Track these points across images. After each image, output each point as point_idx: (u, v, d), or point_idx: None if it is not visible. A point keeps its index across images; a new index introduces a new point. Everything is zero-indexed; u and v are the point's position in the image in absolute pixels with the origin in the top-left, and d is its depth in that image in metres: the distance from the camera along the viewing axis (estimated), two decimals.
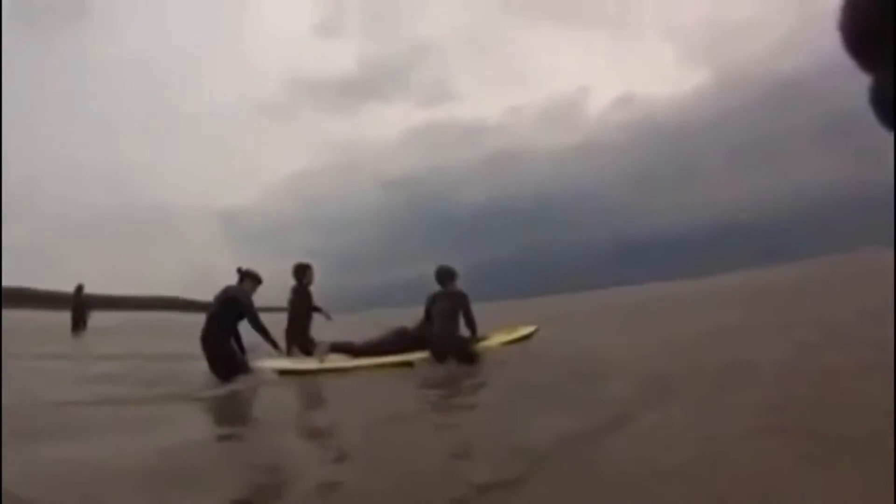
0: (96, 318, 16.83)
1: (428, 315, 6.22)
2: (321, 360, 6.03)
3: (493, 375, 5.14)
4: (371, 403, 4.32)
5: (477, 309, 6.16)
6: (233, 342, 5.82)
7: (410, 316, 6.63)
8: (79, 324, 14.81)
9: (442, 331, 5.99)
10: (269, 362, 6.00)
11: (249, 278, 6.04)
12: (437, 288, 6.24)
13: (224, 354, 5.71)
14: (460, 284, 6.21)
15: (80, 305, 15.24)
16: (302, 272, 6.96)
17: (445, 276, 6.23)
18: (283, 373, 5.83)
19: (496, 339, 6.53)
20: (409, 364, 5.83)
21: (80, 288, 15.36)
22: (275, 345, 6.11)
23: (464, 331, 6.13)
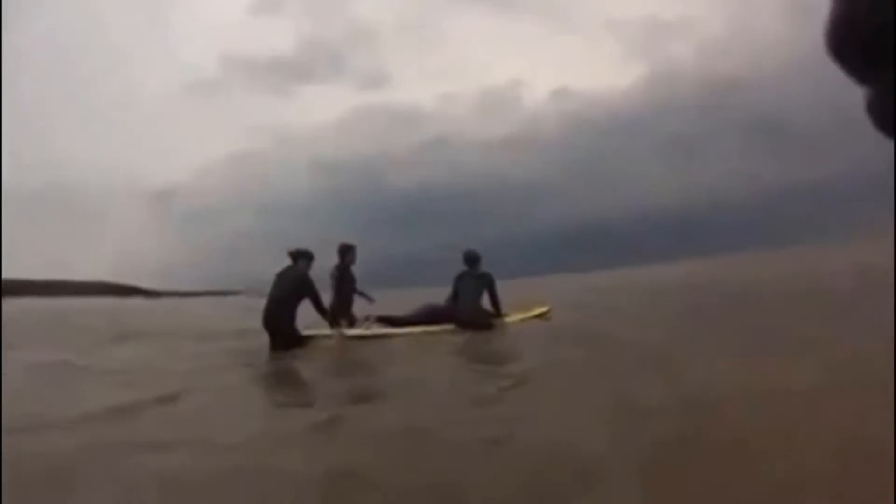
0: (15, 306, 16.11)
1: (455, 291, 7.05)
2: (367, 329, 6.81)
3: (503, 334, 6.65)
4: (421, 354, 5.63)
5: (400, 294, 7.23)
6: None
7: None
8: None
9: (468, 306, 6.85)
10: (331, 330, 6.56)
11: (304, 258, 6.41)
12: (462, 268, 7.13)
13: (289, 330, 6.18)
14: (394, 270, 7.65)
15: None
16: (345, 252, 7.15)
17: (472, 258, 7.07)
18: (349, 338, 6.49)
19: (515, 315, 7.32)
20: (435, 333, 6.69)
21: None
22: (331, 322, 6.59)
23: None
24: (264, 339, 6.21)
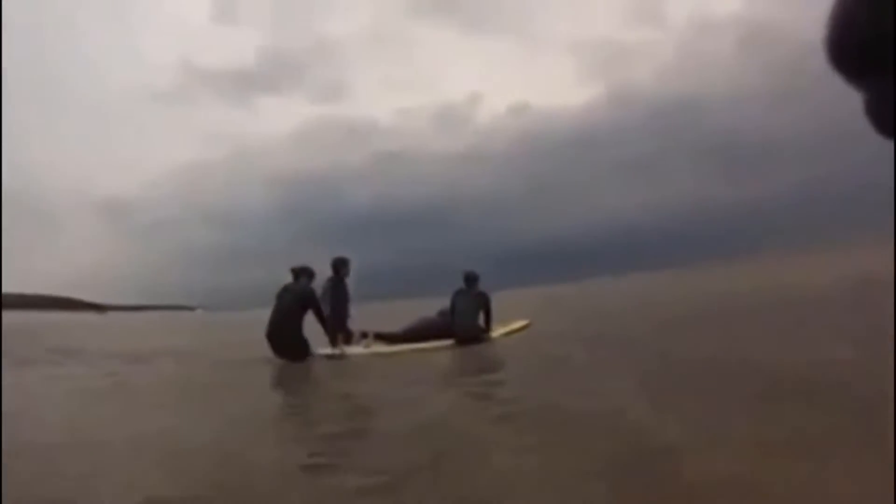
0: None
1: (452, 307, 7.38)
2: (367, 346, 6.94)
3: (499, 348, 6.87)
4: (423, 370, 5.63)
5: (358, 308, 7.17)
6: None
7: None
8: None
9: (466, 321, 7.23)
10: (327, 350, 6.75)
11: (305, 275, 6.83)
12: (460, 286, 7.49)
13: (296, 342, 6.54)
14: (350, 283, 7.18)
15: None
16: (340, 266, 7.21)
17: (471, 278, 7.51)
18: (332, 357, 6.68)
19: (500, 330, 7.77)
20: (436, 348, 6.93)
21: None
22: (332, 335, 6.84)
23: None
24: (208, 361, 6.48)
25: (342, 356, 6.63)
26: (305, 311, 6.61)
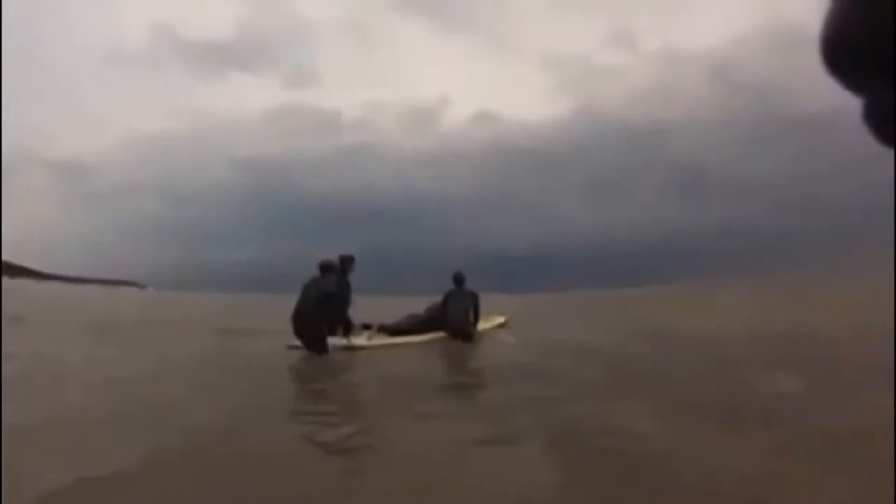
0: None
1: (445, 304, 8.21)
2: (370, 338, 7.68)
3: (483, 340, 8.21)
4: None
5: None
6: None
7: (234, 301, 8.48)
8: None
9: (459, 317, 8.08)
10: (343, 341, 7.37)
11: (332, 271, 7.26)
12: (445, 286, 8.37)
13: (322, 335, 6.93)
14: (300, 274, 7.52)
15: None
16: (348, 263, 7.51)
17: (460, 279, 8.34)
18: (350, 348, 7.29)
19: (483, 325, 8.70)
20: (428, 341, 7.87)
21: None
22: (346, 328, 7.45)
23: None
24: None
25: (352, 347, 7.26)
26: (329, 306, 7.00)
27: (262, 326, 9.70)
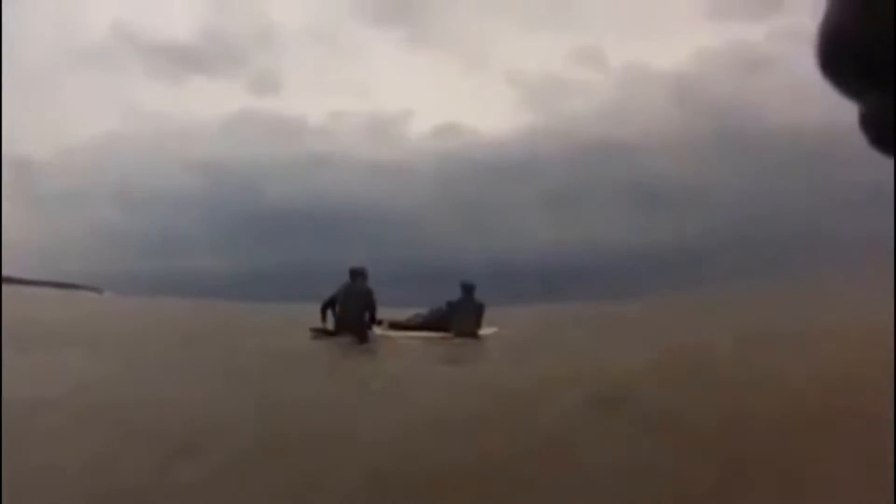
0: None
1: (456, 309, 9.36)
2: (383, 331, 9.09)
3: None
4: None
5: (267, 307, 9.16)
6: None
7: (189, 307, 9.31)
8: None
9: (467, 322, 9.20)
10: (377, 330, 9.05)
11: (362, 275, 8.66)
12: (455, 294, 9.43)
13: (363, 328, 8.44)
14: (262, 283, 9.48)
15: None
16: (365, 273, 8.80)
17: (469, 287, 9.44)
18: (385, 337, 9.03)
19: (481, 332, 9.68)
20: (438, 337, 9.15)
21: None
22: (377, 324, 9.01)
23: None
24: None
25: (387, 336, 8.95)
26: (366, 306, 8.49)
27: (265, 327, 11.10)
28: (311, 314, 9.04)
